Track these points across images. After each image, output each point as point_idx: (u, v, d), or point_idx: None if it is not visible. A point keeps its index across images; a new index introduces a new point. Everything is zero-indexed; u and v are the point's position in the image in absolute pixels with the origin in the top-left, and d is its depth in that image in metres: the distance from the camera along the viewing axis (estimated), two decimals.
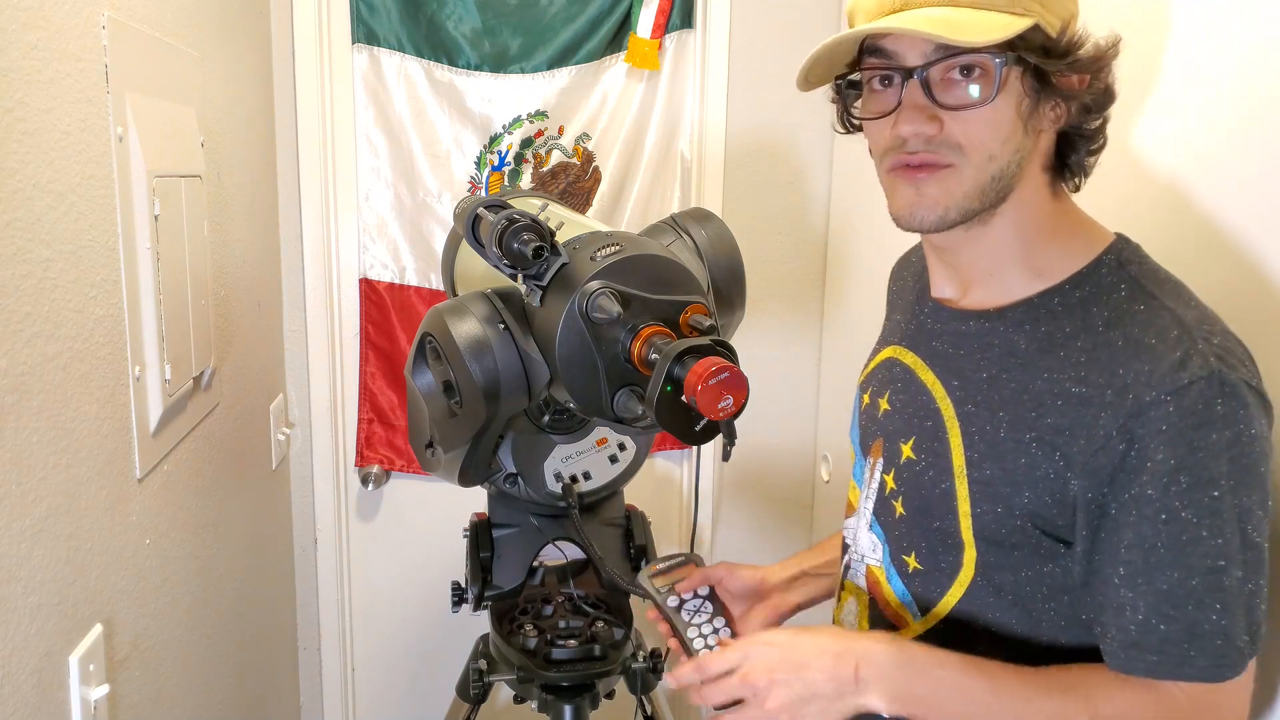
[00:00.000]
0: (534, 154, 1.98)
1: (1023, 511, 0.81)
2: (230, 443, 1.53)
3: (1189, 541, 0.73)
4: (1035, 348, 0.83)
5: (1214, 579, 0.73)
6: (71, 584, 0.94)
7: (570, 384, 0.91)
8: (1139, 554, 0.75)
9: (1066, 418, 0.79)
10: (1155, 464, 0.74)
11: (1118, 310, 0.80)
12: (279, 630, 1.94)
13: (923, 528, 0.90)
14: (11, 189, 0.83)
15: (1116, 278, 0.82)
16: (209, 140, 1.40)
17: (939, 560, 0.89)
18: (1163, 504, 0.74)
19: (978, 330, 0.88)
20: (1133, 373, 0.76)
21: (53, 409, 0.90)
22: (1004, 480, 0.82)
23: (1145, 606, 0.75)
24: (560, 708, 1.30)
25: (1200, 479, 0.73)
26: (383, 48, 1.90)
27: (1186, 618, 0.74)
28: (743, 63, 1.97)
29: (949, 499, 0.87)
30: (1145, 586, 0.75)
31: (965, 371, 0.88)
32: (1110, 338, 0.79)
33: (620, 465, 1.31)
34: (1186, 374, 0.73)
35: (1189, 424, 0.73)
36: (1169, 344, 0.75)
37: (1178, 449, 0.73)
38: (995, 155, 0.80)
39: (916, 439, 0.92)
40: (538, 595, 1.41)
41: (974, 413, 0.86)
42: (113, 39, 1.04)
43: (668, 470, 2.20)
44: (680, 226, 1.12)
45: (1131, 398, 0.75)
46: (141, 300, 1.11)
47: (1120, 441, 0.75)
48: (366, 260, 1.99)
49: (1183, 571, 0.74)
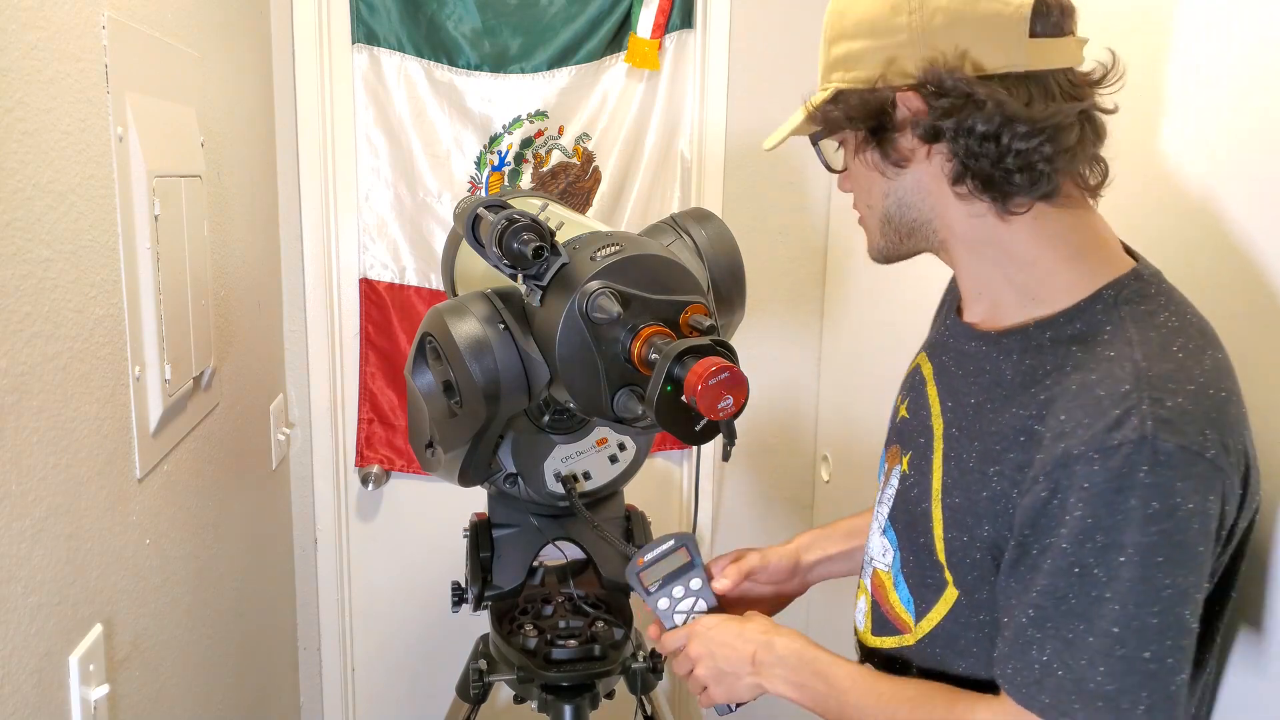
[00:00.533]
0: (534, 154, 1.98)
1: (983, 543, 0.82)
2: (230, 443, 1.53)
3: (1096, 599, 0.72)
4: (1018, 381, 0.82)
5: (1107, 643, 0.72)
6: (71, 584, 0.94)
7: (570, 384, 0.91)
8: (1051, 600, 0.75)
9: (1026, 454, 0.78)
10: (1074, 519, 0.73)
11: (1090, 353, 0.77)
12: (279, 630, 1.94)
13: (915, 542, 0.91)
14: (11, 189, 0.83)
15: (1106, 317, 0.78)
16: (209, 140, 1.40)
17: (927, 575, 0.90)
18: (1078, 558, 0.73)
19: (976, 352, 0.88)
20: (1073, 421, 0.74)
21: (53, 409, 0.90)
22: (968, 510, 0.83)
23: (1051, 650, 0.75)
24: (560, 708, 1.30)
25: (1114, 542, 0.71)
26: (383, 48, 1.90)
27: (1078, 671, 0.73)
28: (743, 63, 1.97)
29: (927, 519, 0.88)
30: (1053, 630, 0.75)
31: (959, 393, 0.89)
32: (1071, 380, 0.77)
33: (620, 465, 1.31)
34: (1119, 435, 0.71)
35: (1111, 487, 0.71)
36: (1115, 399, 0.73)
37: (1097, 509, 0.72)
38: (871, 205, 0.88)
39: (912, 455, 0.93)
40: (538, 595, 1.41)
41: (956, 437, 0.87)
42: (113, 39, 1.04)
43: (668, 470, 2.20)
44: (680, 226, 1.12)
45: (1062, 447, 0.74)
46: (141, 300, 1.11)
47: (1044, 488, 0.75)
48: (366, 260, 1.99)
49: (1086, 625, 0.73)
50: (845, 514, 1.21)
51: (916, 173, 0.83)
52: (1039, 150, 0.77)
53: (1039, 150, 0.77)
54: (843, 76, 0.83)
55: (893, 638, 0.95)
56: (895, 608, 0.95)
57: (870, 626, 0.99)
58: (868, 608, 1.00)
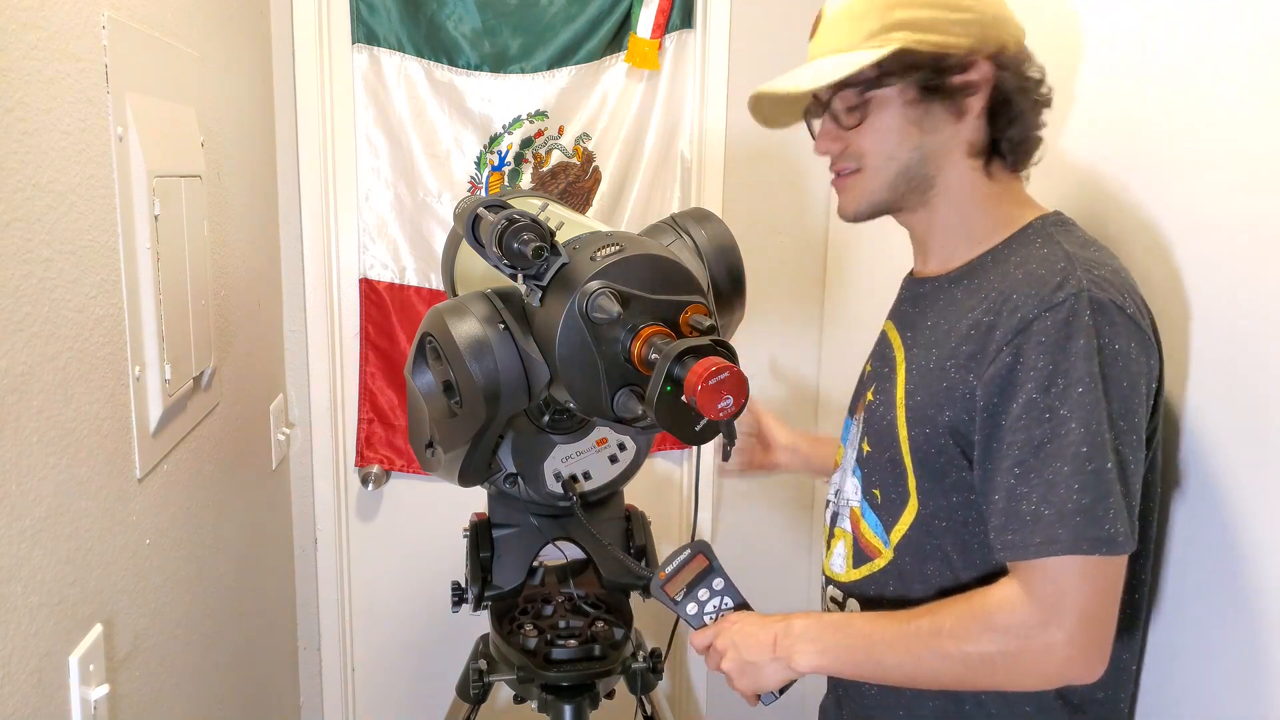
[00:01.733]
0: (534, 154, 1.98)
1: (945, 428, 0.95)
2: (230, 443, 1.53)
3: (1065, 433, 0.85)
4: (966, 295, 0.98)
5: (1077, 464, 0.85)
6: (71, 584, 0.94)
7: (570, 384, 0.91)
8: (1030, 452, 0.87)
9: (977, 343, 0.92)
10: (1036, 370, 0.86)
11: (1025, 256, 0.94)
12: (279, 630, 1.94)
13: (880, 460, 1.04)
14: (11, 189, 0.83)
15: (1036, 235, 0.97)
16: (209, 140, 1.40)
17: (891, 490, 1.03)
18: (1045, 403, 0.86)
19: (931, 290, 1.04)
20: (1021, 295, 0.90)
21: (53, 409, 0.90)
22: (930, 403, 0.97)
23: (1036, 496, 0.86)
24: (560, 708, 1.30)
25: (1071, 379, 0.85)
26: (383, 48, 1.90)
27: (1060, 500, 0.85)
28: (743, 63, 1.97)
29: (893, 428, 1.01)
30: (1036, 479, 0.86)
31: (917, 323, 1.04)
32: (1014, 275, 0.93)
33: (620, 465, 1.31)
34: (1062, 293, 0.87)
35: (1062, 334, 0.86)
36: (1053, 272, 0.89)
37: (1054, 354, 0.86)
38: (894, 155, 0.99)
39: (877, 384, 1.07)
40: (538, 595, 1.41)
41: (916, 354, 1.01)
42: (113, 39, 1.04)
43: (668, 470, 2.20)
44: (680, 226, 1.12)
45: (1019, 316, 0.89)
46: (141, 300, 1.11)
47: (1008, 354, 0.88)
48: (366, 260, 1.99)
49: (1060, 460, 0.85)
50: None
51: (948, 131, 0.98)
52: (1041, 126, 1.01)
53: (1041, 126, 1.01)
54: (908, 37, 0.95)
55: (867, 565, 1.07)
56: (866, 535, 1.07)
57: (851, 561, 1.10)
58: (848, 549, 1.11)
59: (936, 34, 0.95)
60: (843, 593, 1.10)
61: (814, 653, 0.97)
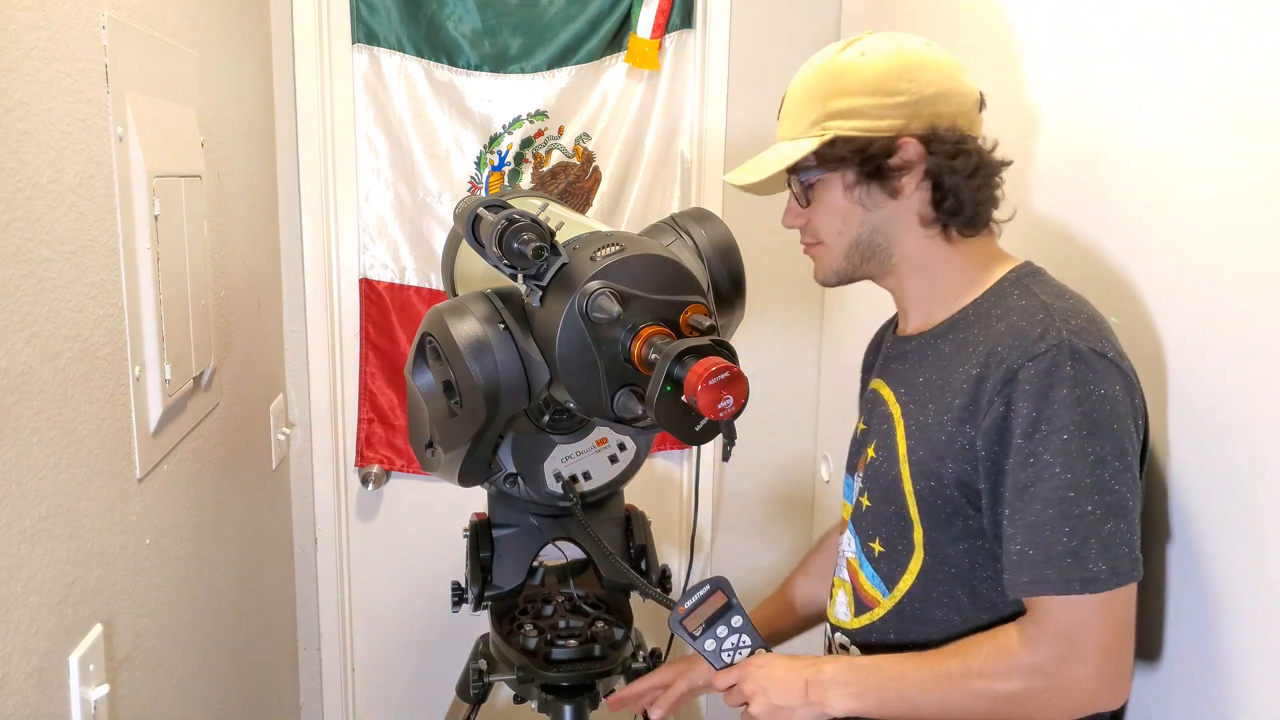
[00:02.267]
0: (534, 154, 1.98)
1: (950, 480, 0.98)
2: (230, 443, 1.53)
3: (1048, 478, 0.90)
4: (953, 350, 1.02)
5: (1065, 508, 0.89)
6: (71, 584, 0.94)
7: (570, 384, 0.91)
8: (1016, 494, 0.92)
9: (969, 396, 0.96)
10: (1022, 417, 0.91)
11: (1005, 308, 0.99)
12: (279, 630, 1.94)
13: (884, 514, 1.06)
14: (11, 189, 0.83)
15: (1012, 288, 1.01)
16: (209, 140, 1.40)
17: (896, 544, 1.05)
18: (1029, 449, 0.91)
19: (917, 346, 1.08)
20: (1006, 348, 0.94)
21: (53, 409, 0.90)
22: (932, 457, 1.00)
23: (1021, 538, 0.91)
24: (560, 708, 1.30)
25: (1055, 426, 0.90)
26: (383, 48, 1.90)
27: (1044, 541, 0.90)
28: (743, 63, 1.97)
29: (898, 483, 1.04)
30: (1020, 521, 0.91)
31: (909, 379, 1.07)
32: (997, 328, 0.98)
33: (620, 465, 1.31)
34: (1043, 343, 0.92)
35: (1045, 383, 0.90)
36: (1034, 324, 0.94)
37: (1037, 403, 0.90)
38: (842, 231, 1.05)
39: (877, 441, 1.09)
40: (538, 595, 1.41)
41: (913, 410, 1.04)
42: (113, 39, 1.04)
43: (668, 470, 2.20)
44: (680, 226, 1.12)
45: (1005, 367, 0.93)
46: (141, 300, 1.11)
47: (1000, 404, 0.93)
48: (366, 260, 1.99)
49: (1043, 504, 0.90)
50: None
51: (895, 207, 1.03)
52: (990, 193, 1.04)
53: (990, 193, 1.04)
54: (842, 125, 1.01)
55: (866, 614, 1.10)
56: (864, 587, 1.10)
57: (854, 610, 1.12)
58: (849, 599, 1.13)
59: (867, 120, 1.00)
60: (848, 639, 1.13)
61: (848, 695, 0.98)
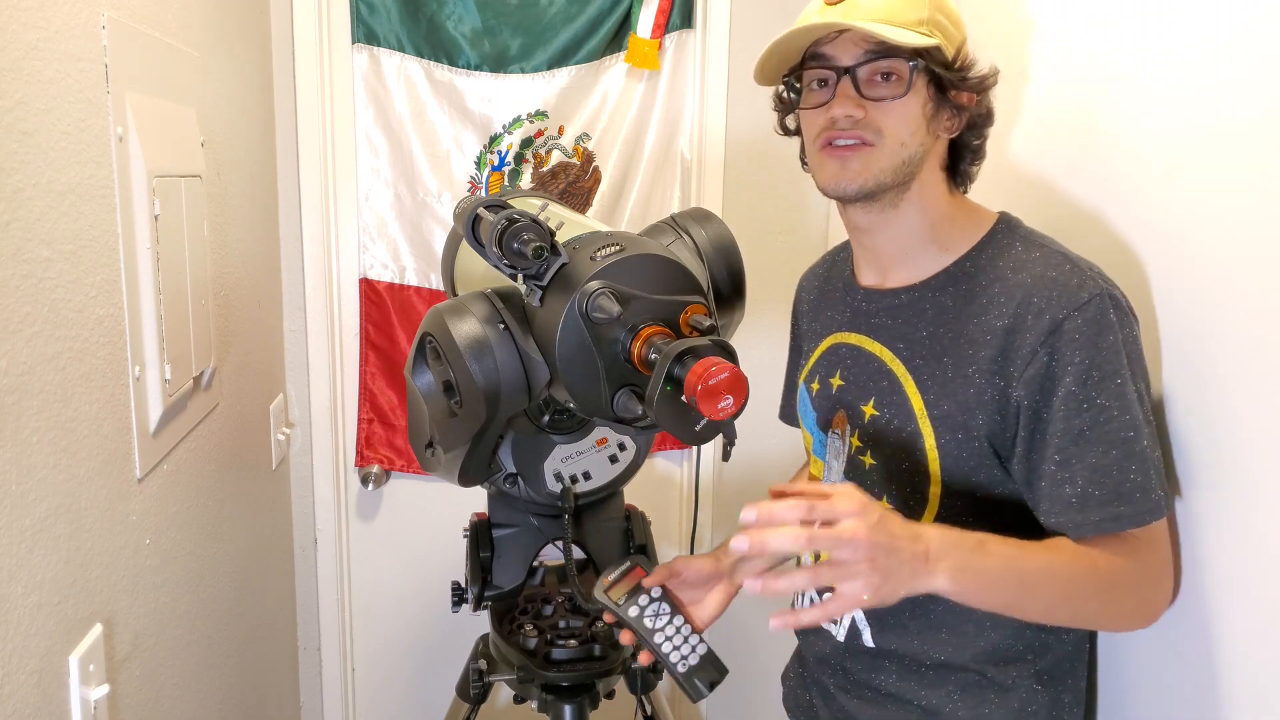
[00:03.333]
0: (534, 154, 1.98)
1: (980, 432, 0.99)
2: (230, 443, 1.53)
3: (1105, 421, 0.92)
4: (960, 302, 1.02)
5: (1127, 447, 0.92)
6: (71, 584, 0.94)
7: (570, 384, 0.91)
8: (1070, 440, 0.93)
9: (997, 347, 0.97)
10: (1074, 365, 0.93)
11: (1018, 260, 1.00)
12: (279, 630, 1.94)
13: (893, 471, 1.05)
14: (11, 189, 0.83)
15: (1010, 239, 1.03)
16: (209, 140, 1.40)
17: (908, 499, 1.04)
18: (1084, 395, 0.93)
19: (909, 300, 1.06)
20: (1044, 299, 0.95)
21: (53, 409, 0.90)
22: (959, 410, 1.00)
23: (1082, 480, 0.93)
24: (560, 708, 1.30)
25: (1107, 371, 0.92)
26: (383, 48, 1.90)
27: (1112, 481, 0.92)
28: (743, 63, 1.97)
29: (916, 439, 1.03)
30: (1078, 464, 0.93)
31: (907, 334, 1.06)
32: (1020, 279, 0.98)
33: (620, 465, 1.31)
34: (1085, 293, 0.94)
35: (1093, 330, 0.93)
36: (1066, 274, 0.96)
37: (1089, 351, 0.93)
38: (905, 143, 1.00)
39: (876, 398, 1.07)
40: (538, 595, 1.41)
41: (922, 364, 1.03)
42: (113, 39, 1.04)
43: (668, 470, 2.20)
44: (680, 226, 1.12)
45: (1048, 318, 0.94)
46: (141, 300, 1.11)
47: (1044, 354, 0.94)
48: (366, 260, 1.99)
49: (1105, 445, 0.92)
50: None
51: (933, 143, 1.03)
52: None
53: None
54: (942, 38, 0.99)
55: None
56: None
57: None
58: None
59: (953, 46, 1.00)
60: None
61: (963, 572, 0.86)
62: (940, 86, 1.01)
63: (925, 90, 1.00)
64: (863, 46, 0.99)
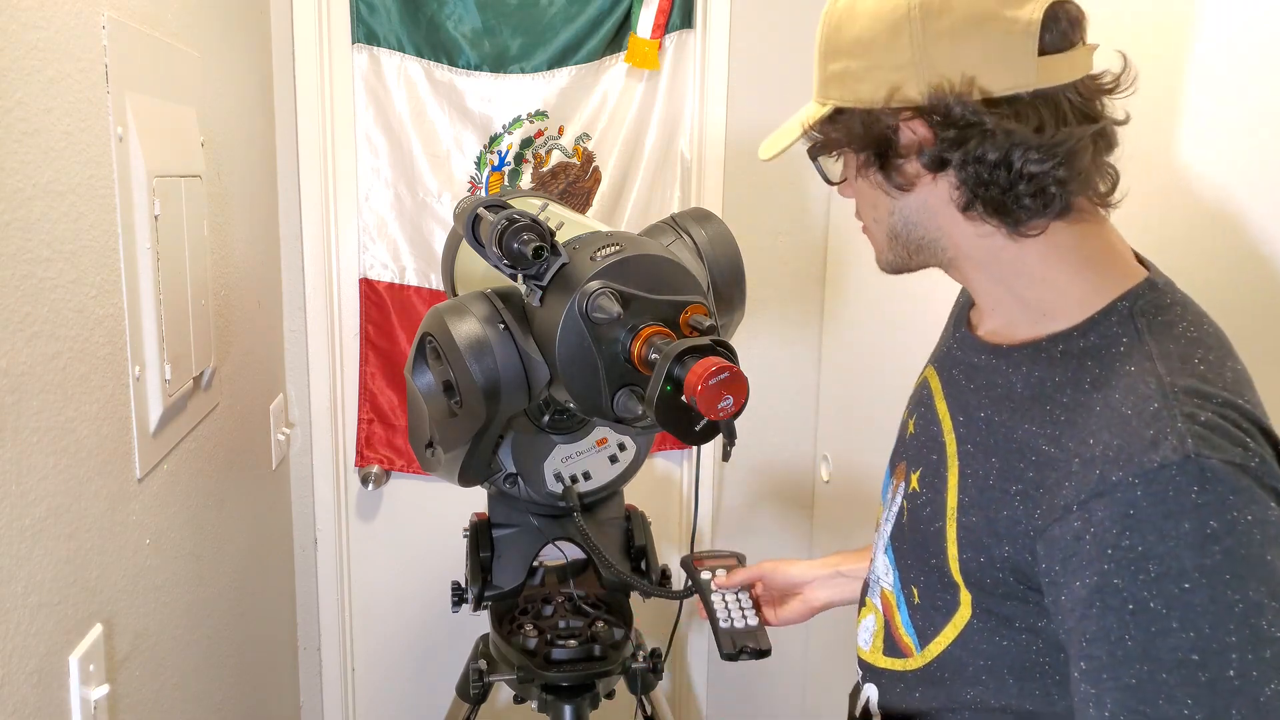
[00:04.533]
0: (534, 154, 1.98)
1: (1003, 564, 0.78)
2: (230, 443, 1.53)
3: (1158, 633, 0.66)
4: (1028, 394, 0.79)
5: (1186, 672, 0.65)
6: (71, 584, 0.94)
7: (570, 384, 0.91)
8: (1104, 647, 0.69)
9: (1035, 469, 0.75)
10: (1119, 550, 0.67)
11: (1109, 369, 0.74)
12: (279, 630, 1.94)
13: (922, 563, 0.87)
14: (11, 189, 0.83)
15: (1122, 329, 0.76)
16: (209, 140, 1.40)
17: (936, 598, 0.86)
18: (1130, 593, 0.67)
19: (986, 365, 0.85)
20: (1101, 444, 0.70)
21: (53, 409, 0.90)
22: (986, 530, 0.79)
23: (1112, 702, 0.68)
24: (560, 708, 1.30)
25: (1171, 570, 0.66)
26: (383, 48, 1.90)
27: (1158, 712, 0.66)
28: (743, 63, 1.97)
29: (941, 539, 0.84)
30: (1111, 682, 0.68)
31: (970, 408, 0.85)
32: (1091, 400, 0.74)
33: (620, 465, 1.31)
34: (1158, 456, 0.67)
35: (1159, 512, 0.66)
36: (1145, 419, 0.69)
37: (1147, 536, 0.66)
38: (877, 219, 0.85)
39: (923, 471, 0.89)
40: (538, 595, 1.41)
41: (971, 454, 0.83)
42: (113, 39, 1.04)
43: (668, 470, 2.20)
44: (680, 226, 1.12)
45: (1098, 474, 0.69)
46: (141, 300, 1.11)
47: (1077, 519, 0.70)
48: (366, 260, 1.99)
49: (1151, 665, 0.66)
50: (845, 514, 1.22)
51: (922, 194, 0.80)
52: (1051, 174, 0.74)
53: (1051, 174, 0.74)
54: (841, 95, 0.80)
55: (899, 660, 0.91)
56: (899, 630, 0.91)
57: (881, 647, 0.95)
58: (877, 627, 0.96)
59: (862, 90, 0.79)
60: (864, 672, 0.97)
61: None
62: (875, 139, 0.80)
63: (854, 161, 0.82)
64: None
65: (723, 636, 1.14)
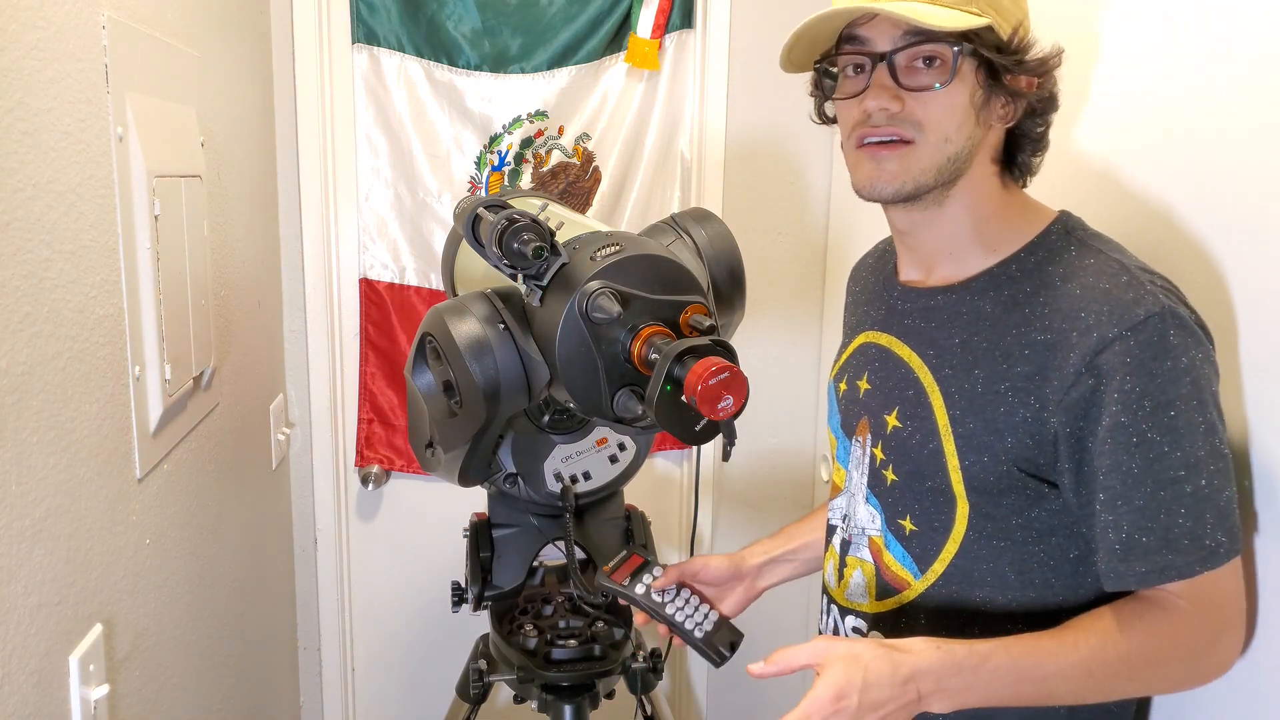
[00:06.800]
0: (534, 154, 1.98)
1: (1008, 456, 0.89)
2: (230, 443, 1.53)
3: (1155, 458, 0.82)
4: (1000, 309, 0.92)
5: (1178, 488, 0.82)
6: (71, 584, 0.94)
7: (570, 384, 0.91)
8: (1116, 478, 0.84)
9: (1035, 364, 0.87)
10: (1122, 394, 0.82)
11: (1070, 267, 0.89)
12: (279, 630, 1.94)
13: (916, 490, 0.97)
14: (11, 189, 0.83)
15: (1065, 242, 0.92)
16: (209, 140, 1.40)
17: (933, 519, 0.96)
18: (1133, 428, 0.83)
19: (945, 302, 0.97)
20: (1092, 314, 0.85)
21: (53, 409, 0.90)
22: (986, 430, 0.90)
23: (1128, 524, 0.84)
24: (560, 708, 1.30)
25: (1160, 402, 0.82)
26: (383, 48, 1.90)
27: (1160, 527, 0.83)
28: (743, 63, 1.97)
29: (938, 457, 0.94)
30: (1124, 506, 0.84)
31: (938, 340, 0.96)
32: (1068, 289, 0.88)
33: (620, 465, 1.31)
34: (1141, 310, 0.83)
35: (1148, 354, 0.82)
36: (1120, 287, 0.85)
37: (1140, 377, 0.82)
38: (950, 138, 0.90)
39: (900, 408, 0.99)
40: (538, 595, 1.41)
41: (951, 375, 0.94)
42: (113, 39, 1.04)
43: (668, 470, 2.20)
44: (680, 226, 1.12)
45: (1095, 336, 0.84)
46: (141, 300, 1.11)
47: (1089, 376, 0.84)
48: (366, 260, 1.99)
49: (1154, 485, 0.83)
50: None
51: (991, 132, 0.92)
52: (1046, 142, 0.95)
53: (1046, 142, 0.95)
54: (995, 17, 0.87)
55: (894, 597, 1.00)
56: (891, 568, 1.00)
57: (874, 594, 1.03)
58: (868, 580, 1.04)
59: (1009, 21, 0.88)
60: (867, 624, 1.04)
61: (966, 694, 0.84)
62: (993, 71, 0.88)
63: (974, 76, 0.88)
64: (901, 28, 0.87)
65: (705, 646, 1.10)
